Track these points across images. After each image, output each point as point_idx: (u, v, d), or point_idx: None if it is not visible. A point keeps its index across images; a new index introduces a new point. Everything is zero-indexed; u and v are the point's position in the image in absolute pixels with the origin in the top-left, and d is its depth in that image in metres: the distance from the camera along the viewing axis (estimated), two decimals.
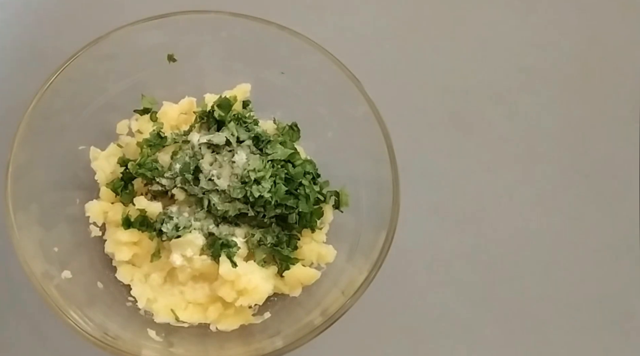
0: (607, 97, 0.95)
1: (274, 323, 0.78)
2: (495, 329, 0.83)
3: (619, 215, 0.89)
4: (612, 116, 0.94)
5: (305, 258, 0.77)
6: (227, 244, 0.75)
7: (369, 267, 0.71)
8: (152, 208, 0.75)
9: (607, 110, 0.94)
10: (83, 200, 0.79)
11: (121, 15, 0.80)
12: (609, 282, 0.86)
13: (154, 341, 0.74)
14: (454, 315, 0.84)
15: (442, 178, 0.90)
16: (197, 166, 0.75)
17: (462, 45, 0.96)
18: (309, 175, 0.77)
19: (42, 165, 0.77)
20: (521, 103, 0.93)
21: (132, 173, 0.76)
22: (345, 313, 0.70)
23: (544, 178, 0.90)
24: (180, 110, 0.82)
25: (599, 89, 0.95)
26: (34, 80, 0.75)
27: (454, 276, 0.85)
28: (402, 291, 0.84)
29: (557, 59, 0.94)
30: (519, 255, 0.87)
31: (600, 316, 0.84)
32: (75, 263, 0.77)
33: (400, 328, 0.83)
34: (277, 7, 0.93)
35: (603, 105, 0.94)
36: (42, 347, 0.79)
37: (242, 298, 0.75)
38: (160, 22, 0.78)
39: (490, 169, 0.91)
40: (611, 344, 0.83)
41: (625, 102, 0.94)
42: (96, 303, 0.75)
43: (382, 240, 0.72)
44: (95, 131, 0.81)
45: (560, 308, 0.85)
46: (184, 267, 0.76)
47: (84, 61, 0.76)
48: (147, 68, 0.81)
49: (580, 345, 0.83)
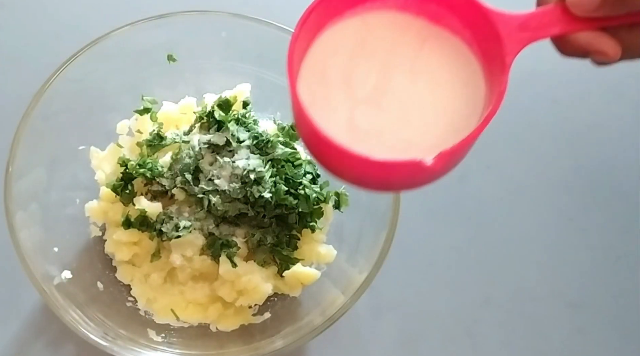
0: (607, 97, 0.95)
1: (274, 323, 0.78)
2: (495, 329, 0.83)
3: (619, 215, 0.89)
4: (613, 116, 0.94)
5: (305, 258, 0.77)
6: (227, 244, 0.75)
7: (369, 267, 0.71)
8: (152, 208, 0.75)
9: (608, 109, 0.94)
10: (83, 200, 0.79)
11: (121, 15, 0.80)
12: (609, 282, 0.86)
13: (154, 341, 0.74)
14: (454, 315, 0.84)
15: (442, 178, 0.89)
16: (197, 166, 0.75)
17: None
18: (309, 175, 0.77)
19: (42, 165, 0.77)
20: (521, 103, 0.94)
21: (132, 173, 0.76)
22: (345, 313, 0.70)
23: (544, 178, 0.90)
24: (180, 110, 0.82)
25: (599, 89, 0.95)
26: (34, 80, 0.75)
27: (454, 276, 0.85)
28: (402, 291, 0.84)
29: (558, 58, 0.94)
30: (519, 255, 0.87)
31: (600, 316, 0.84)
32: (75, 263, 0.77)
33: (400, 328, 0.83)
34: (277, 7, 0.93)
35: (603, 104, 0.94)
36: (42, 347, 0.79)
37: (242, 298, 0.75)
38: (160, 22, 0.78)
39: (490, 169, 0.91)
40: (611, 344, 0.83)
41: (625, 101, 0.94)
42: (96, 303, 0.75)
43: (382, 240, 0.72)
44: (95, 131, 0.81)
45: (560, 308, 0.85)
46: (184, 267, 0.76)
47: (84, 61, 0.76)
48: (147, 68, 0.81)
49: (580, 345, 0.83)
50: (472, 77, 0.54)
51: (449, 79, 0.53)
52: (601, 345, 0.83)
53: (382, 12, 0.55)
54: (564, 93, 0.94)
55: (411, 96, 0.53)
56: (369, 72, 0.53)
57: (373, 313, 0.82)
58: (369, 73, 0.53)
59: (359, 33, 0.54)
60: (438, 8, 0.54)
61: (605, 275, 0.86)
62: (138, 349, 0.71)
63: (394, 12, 0.55)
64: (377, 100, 0.53)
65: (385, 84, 0.53)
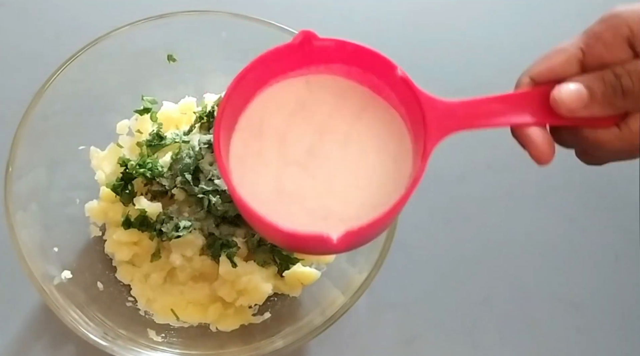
0: None
1: (274, 323, 0.78)
2: (495, 329, 0.83)
3: (619, 215, 0.89)
4: None
5: (305, 258, 0.77)
6: (227, 244, 0.75)
7: (369, 267, 0.71)
8: (152, 208, 0.75)
9: None
10: (83, 200, 0.79)
11: (121, 15, 0.80)
12: (609, 282, 0.86)
13: (154, 341, 0.74)
14: (454, 315, 0.83)
15: (442, 178, 0.90)
16: (197, 166, 0.75)
17: (463, 45, 0.96)
18: None
19: (42, 165, 0.77)
20: None
21: (132, 173, 0.76)
22: (345, 313, 0.70)
23: (544, 179, 0.90)
24: (180, 110, 0.82)
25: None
26: (34, 80, 0.75)
27: (454, 276, 0.85)
28: (402, 291, 0.84)
29: None
30: (519, 255, 0.87)
31: (600, 316, 0.84)
32: (75, 263, 0.77)
33: (400, 328, 0.82)
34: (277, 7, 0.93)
35: None
36: (42, 347, 0.79)
37: (242, 298, 0.75)
38: (160, 22, 0.78)
39: (490, 169, 0.91)
40: (611, 344, 0.83)
41: None
42: (96, 303, 0.75)
43: (382, 240, 0.72)
44: (95, 131, 0.81)
45: (560, 308, 0.85)
46: (184, 267, 0.76)
47: (84, 61, 0.76)
48: (147, 68, 0.81)
49: (579, 344, 0.83)
50: (402, 154, 0.53)
51: (380, 151, 0.53)
52: (601, 345, 0.83)
53: (327, 75, 0.55)
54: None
55: (340, 163, 0.53)
56: (304, 134, 0.53)
57: (373, 313, 0.82)
58: (304, 134, 0.53)
59: (301, 93, 0.54)
60: (379, 81, 0.54)
61: (605, 275, 0.86)
62: (138, 349, 0.71)
63: (338, 77, 0.55)
64: (306, 164, 0.53)
65: (317, 148, 0.53)
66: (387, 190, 0.52)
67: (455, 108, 0.50)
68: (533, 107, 0.51)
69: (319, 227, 0.50)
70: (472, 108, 0.51)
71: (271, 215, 0.51)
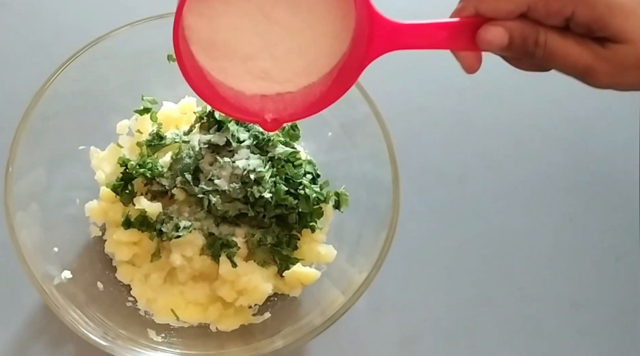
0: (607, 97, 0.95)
1: (274, 323, 0.78)
2: (495, 329, 0.83)
3: (619, 215, 0.89)
4: (613, 116, 0.94)
5: (305, 258, 0.77)
6: (227, 244, 0.75)
7: (369, 267, 0.71)
8: (152, 208, 0.75)
9: (608, 109, 0.94)
10: (83, 200, 0.79)
11: (121, 15, 0.80)
12: (609, 282, 0.86)
13: (154, 341, 0.74)
14: (454, 315, 0.83)
15: (442, 178, 0.90)
16: (197, 166, 0.75)
17: None
18: (309, 175, 0.77)
19: (42, 165, 0.77)
20: (522, 103, 0.94)
21: (132, 173, 0.76)
22: (345, 313, 0.70)
23: (544, 179, 0.90)
24: (180, 110, 0.82)
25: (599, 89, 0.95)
26: (34, 80, 0.75)
27: (454, 276, 0.85)
28: (402, 291, 0.84)
29: None
30: (519, 255, 0.87)
31: (600, 317, 0.84)
32: (75, 263, 0.77)
33: (400, 328, 0.82)
34: None
35: (604, 104, 0.94)
36: (42, 347, 0.79)
37: (242, 298, 0.75)
38: (160, 22, 0.77)
39: (490, 169, 0.91)
40: (611, 344, 0.83)
41: (625, 102, 0.94)
42: (96, 303, 0.75)
43: (382, 240, 0.72)
44: (95, 131, 0.81)
45: (560, 308, 0.85)
46: (184, 267, 0.76)
47: (84, 61, 0.76)
48: (147, 68, 0.81)
49: (580, 344, 0.83)
50: (343, 36, 0.55)
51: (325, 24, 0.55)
52: (601, 345, 0.83)
53: None
54: (563, 93, 0.93)
55: (286, 29, 0.55)
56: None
57: (373, 313, 0.82)
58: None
59: None
60: None
61: (606, 275, 0.86)
62: (138, 349, 0.71)
63: None
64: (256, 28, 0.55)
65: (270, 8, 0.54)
66: (322, 63, 0.56)
67: (403, 29, 0.54)
68: (472, 35, 0.54)
69: (256, 85, 0.56)
70: (417, 31, 0.54)
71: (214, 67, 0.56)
